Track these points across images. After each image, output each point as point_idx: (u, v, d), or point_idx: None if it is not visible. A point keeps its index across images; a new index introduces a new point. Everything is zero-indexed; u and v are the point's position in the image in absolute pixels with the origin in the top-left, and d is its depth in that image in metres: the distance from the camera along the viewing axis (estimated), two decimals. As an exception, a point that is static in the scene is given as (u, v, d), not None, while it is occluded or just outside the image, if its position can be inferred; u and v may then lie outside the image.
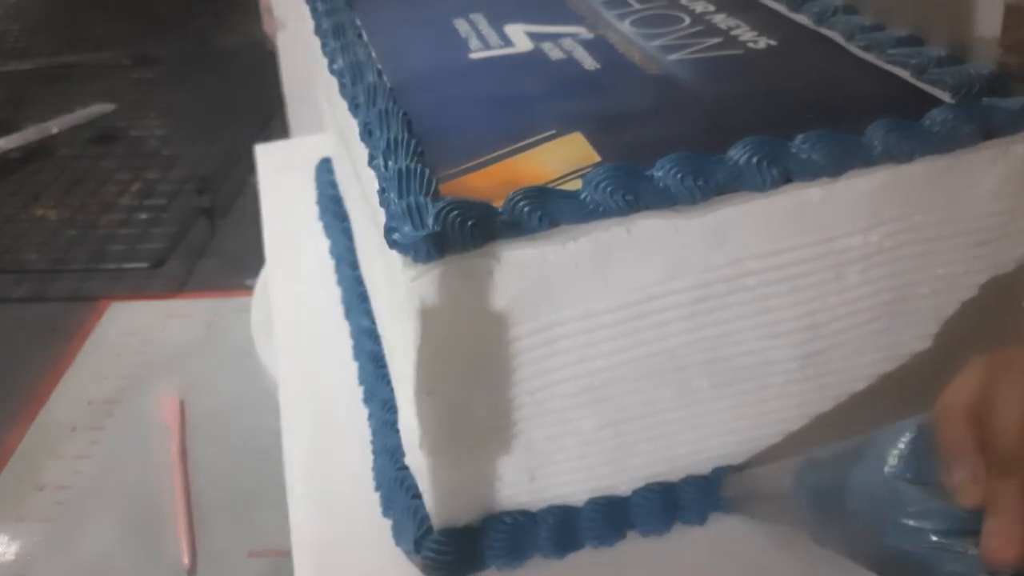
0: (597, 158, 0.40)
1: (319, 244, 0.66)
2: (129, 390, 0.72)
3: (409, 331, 0.37)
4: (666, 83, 0.47)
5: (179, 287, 0.84)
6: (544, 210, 0.36)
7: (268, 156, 0.80)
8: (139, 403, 0.71)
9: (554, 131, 0.43)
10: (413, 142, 0.41)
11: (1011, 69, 0.90)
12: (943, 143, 0.39)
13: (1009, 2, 0.86)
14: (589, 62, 0.50)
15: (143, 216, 0.95)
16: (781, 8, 0.54)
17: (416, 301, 0.35)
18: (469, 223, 0.34)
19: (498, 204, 0.36)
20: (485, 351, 0.38)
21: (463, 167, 0.41)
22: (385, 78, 0.49)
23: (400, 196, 0.37)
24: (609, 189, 0.36)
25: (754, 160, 0.37)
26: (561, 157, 0.41)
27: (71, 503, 0.62)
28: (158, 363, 0.75)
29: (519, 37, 0.54)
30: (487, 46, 0.53)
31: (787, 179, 0.38)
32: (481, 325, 0.37)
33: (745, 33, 0.51)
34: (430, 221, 0.35)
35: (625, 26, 0.54)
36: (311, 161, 0.74)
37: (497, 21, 0.56)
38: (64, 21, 1.46)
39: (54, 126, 1.09)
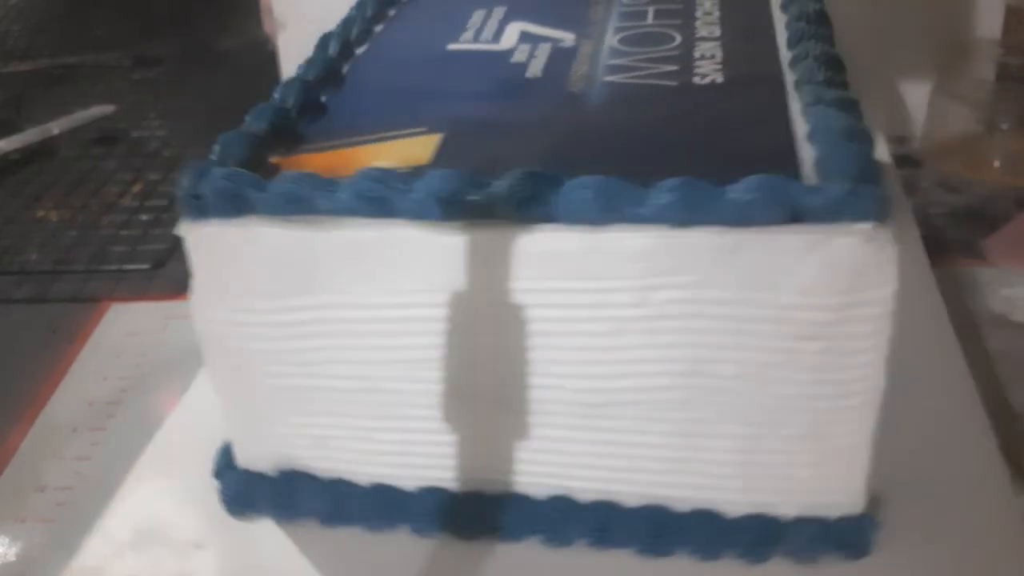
0: (425, 161, 0.44)
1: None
2: (130, 391, 0.76)
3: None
4: (572, 102, 0.50)
5: (180, 289, 0.84)
6: (301, 196, 0.40)
7: None
8: (140, 404, 0.75)
9: (424, 129, 0.47)
10: (282, 111, 0.47)
11: (1011, 70, 0.91)
12: (728, 214, 0.38)
13: (1009, 3, 0.90)
14: (536, 70, 0.54)
15: (144, 217, 1.00)
16: (780, 42, 0.55)
17: (190, 255, 0.42)
18: (229, 192, 0.40)
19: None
20: (248, 323, 0.44)
21: (317, 146, 0.46)
22: (343, 56, 0.57)
23: (218, 156, 0.43)
24: (362, 190, 0.40)
25: (514, 191, 0.40)
26: (401, 154, 0.45)
27: (72, 504, 0.65)
28: (159, 364, 0.79)
29: (510, 35, 0.59)
30: (475, 39, 0.58)
31: (548, 219, 0.40)
32: (242, 295, 0.43)
33: (708, 65, 0.52)
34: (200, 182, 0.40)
35: (613, 40, 0.57)
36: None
37: (509, 17, 0.61)
38: (65, 22, 1.54)
39: (55, 127, 1.17)
